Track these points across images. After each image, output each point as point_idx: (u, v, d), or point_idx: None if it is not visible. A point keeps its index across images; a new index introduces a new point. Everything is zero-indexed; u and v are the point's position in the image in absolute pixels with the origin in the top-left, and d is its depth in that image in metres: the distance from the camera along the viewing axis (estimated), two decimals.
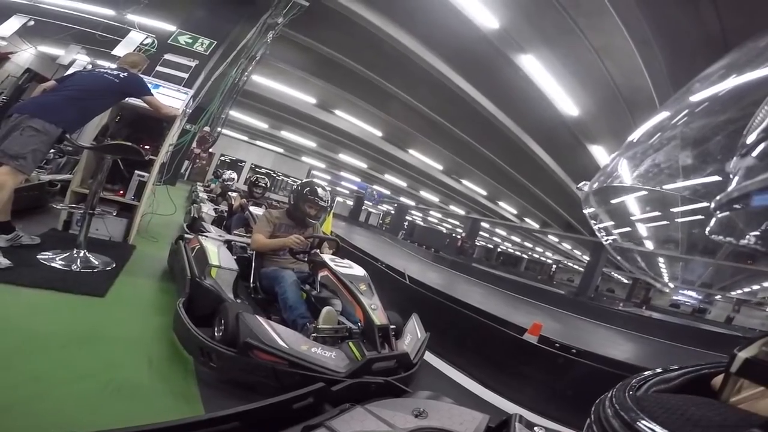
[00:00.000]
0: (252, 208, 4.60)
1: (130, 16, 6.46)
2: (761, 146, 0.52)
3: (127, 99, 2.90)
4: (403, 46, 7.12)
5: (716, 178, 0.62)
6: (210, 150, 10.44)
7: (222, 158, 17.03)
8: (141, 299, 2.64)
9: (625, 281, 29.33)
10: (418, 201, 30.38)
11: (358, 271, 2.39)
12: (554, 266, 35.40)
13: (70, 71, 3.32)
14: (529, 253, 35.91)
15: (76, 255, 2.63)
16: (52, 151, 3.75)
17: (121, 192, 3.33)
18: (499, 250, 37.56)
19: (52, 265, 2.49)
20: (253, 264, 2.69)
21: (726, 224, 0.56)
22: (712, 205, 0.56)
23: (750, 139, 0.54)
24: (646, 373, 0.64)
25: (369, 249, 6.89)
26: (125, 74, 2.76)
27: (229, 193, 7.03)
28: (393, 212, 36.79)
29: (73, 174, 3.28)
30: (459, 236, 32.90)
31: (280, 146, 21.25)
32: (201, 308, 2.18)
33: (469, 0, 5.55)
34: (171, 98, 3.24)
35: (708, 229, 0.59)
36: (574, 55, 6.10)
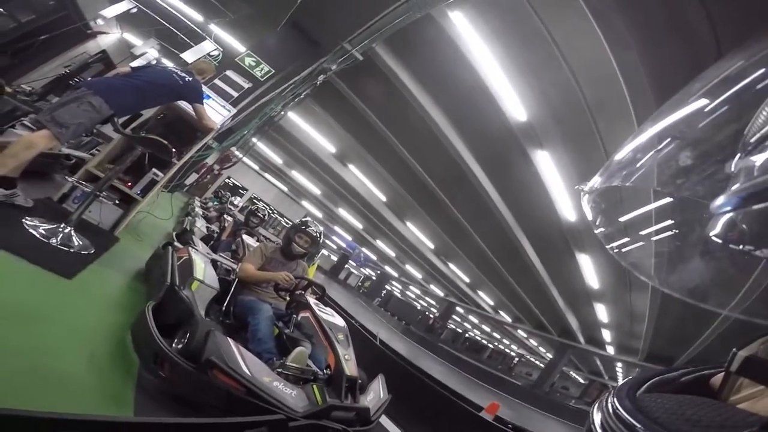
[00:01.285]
0: (245, 237, 4.59)
1: (212, 26, 7.02)
2: (762, 147, 0.52)
3: (179, 101, 3.05)
4: (431, 118, 7.53)
5: (716, 178, 0.61)
6: (223, 170, 10.67)
7: (226, 180, 17.25)
8: (107, 292, 2.54)
9: (581, 381, 29.82)
10: (401, 273, 30.18)
11: (339, 321, 2.42)
12: (516, 359, 35.56)
13: (141, 62, 3.55)
14: (495, 343, 35.82)
15: (60, 229, 2.57)
16: None
17: (129, 184, 3.36)
18: (466, 335, 37.16)
19: (33, 232, 2.42)
20: (233, 289, 2.68)
21: (727, 225, 0.56)
22: (716, 203, 0.56)
23: (751, 138, 0.55)
24: (645, 374, 0.62)
25: (344, 305, 6.75)
26: (190, 78, 2.94)
27: (225, 215, 7.05)
28: (374, 278, 36.39)
29: (91, 154, 3.33)
30: (432, 315, 32.47)
31: (285, 184, 21.69)
32: (167, 317, 2.13)
33: (507, 91, 5.83)
34: (214, 112, 3.45)
35: (708, 230, 0.59)
36: (587, 156, 6.27)
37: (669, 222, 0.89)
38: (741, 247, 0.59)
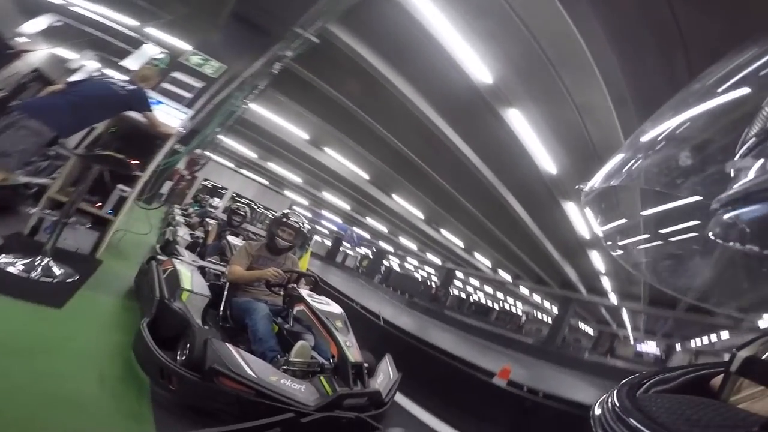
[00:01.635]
0: (230, 238, 4.52)
1: (149, 29, 6.56)
2: (762, 147, 0.52)
3: (127, 111, 2.90)
4: (399, 91, 7.44)
5: (716, 177, 0.61)
6: (194, 173, 10.38)
7: (204, 183, 16.80)
8: (101, 315, 2.53)
9: (592, 333, 30.34)
10: (396, 247, 30.45)
11: (335, 308, 2.40)
12: (524, 317, 35.80)
13: (79, 76, 3.33)
14: (501, 303, 36.39)
15: (38, 263, 2.50)
16: None
17: (99, 204, 3.24)
18: (471, 299, 37.93)
19: (10, 270, 2.37)
20: (225, 293, 2.66)
21: (726, 225, 0.56)
22: (715, 204, 0.56)
23: (751, 139, 0.55)
24: (646, 373, 0.63)
25: (344, 290, 6.81)
26: (132, 87, 2.77)
27: (208, 219, 6.90)
28: (371, 256, 36.71)
29: (52, 179, 3.18)
30: (433, 284, 32.99)
31: (265, 178, 21.28)
32: (166, 330, 2.14)
33: (468, 54, 5.83)
34: (170, 116, 3.29)
35: (707, 229, 0.59)
36: (557, 111, 6.37)
37: (668, 222, 0.89)
38: (742, 247, 0.58)
